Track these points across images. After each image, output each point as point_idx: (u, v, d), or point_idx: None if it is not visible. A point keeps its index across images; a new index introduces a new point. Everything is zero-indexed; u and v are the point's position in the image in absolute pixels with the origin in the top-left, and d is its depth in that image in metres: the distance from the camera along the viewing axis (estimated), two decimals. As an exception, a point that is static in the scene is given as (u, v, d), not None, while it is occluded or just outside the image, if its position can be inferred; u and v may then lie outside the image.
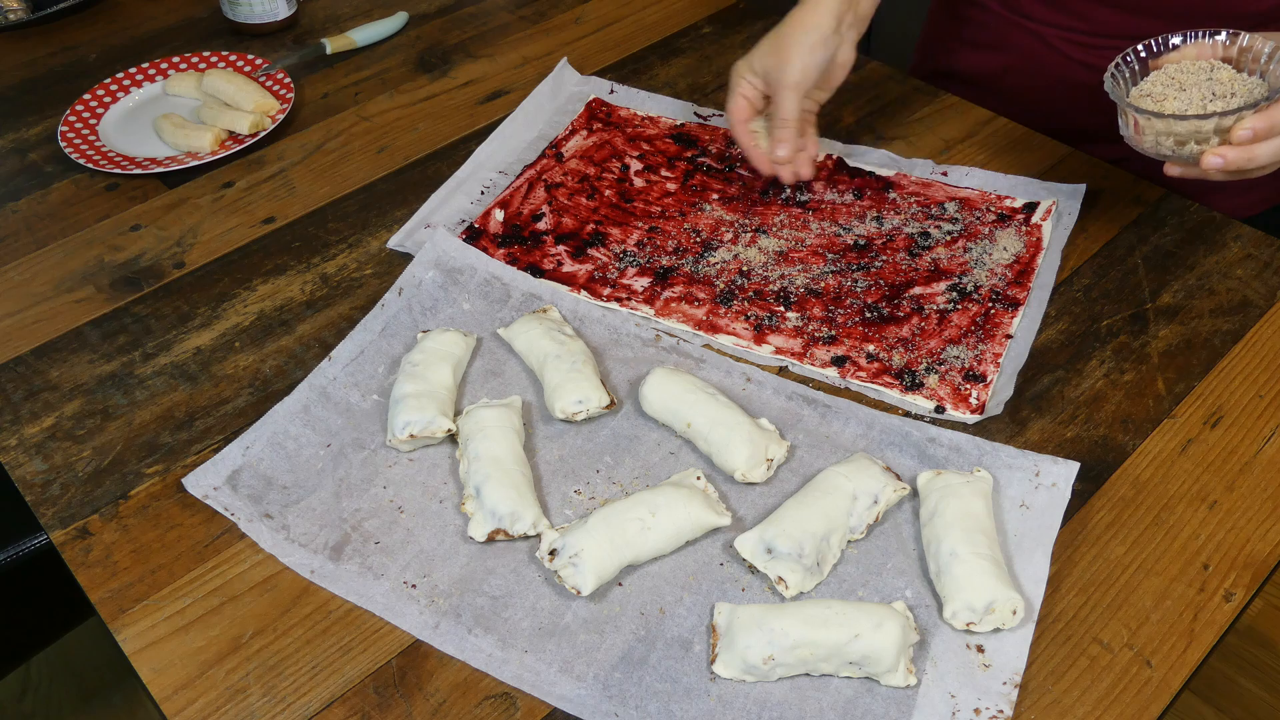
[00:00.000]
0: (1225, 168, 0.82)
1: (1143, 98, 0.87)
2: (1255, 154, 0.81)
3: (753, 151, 1.03)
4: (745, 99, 1.02)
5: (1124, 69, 0.89)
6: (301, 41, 1.32)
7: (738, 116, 1.02)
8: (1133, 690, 0.71)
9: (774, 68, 0.99)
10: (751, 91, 1.01)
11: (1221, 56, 0.87)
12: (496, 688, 0.72)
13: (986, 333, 0.93)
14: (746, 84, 1.01)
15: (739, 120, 1.02)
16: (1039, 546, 0.77)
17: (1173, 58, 0.88)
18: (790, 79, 0.98)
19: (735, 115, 1.02)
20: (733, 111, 1.02)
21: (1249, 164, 0.81)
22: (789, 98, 0.99)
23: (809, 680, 0.72)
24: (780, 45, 0.99)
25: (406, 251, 1.03)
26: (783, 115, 1.00)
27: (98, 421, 0.89)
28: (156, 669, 0.73)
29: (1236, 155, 0.81)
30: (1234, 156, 0.81)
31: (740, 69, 1.01)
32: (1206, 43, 0.88)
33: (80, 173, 1.14)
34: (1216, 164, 0.81)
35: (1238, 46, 0.86)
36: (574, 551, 0.75)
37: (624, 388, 0.90)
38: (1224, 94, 0.84)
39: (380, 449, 0.85)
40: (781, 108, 0.99)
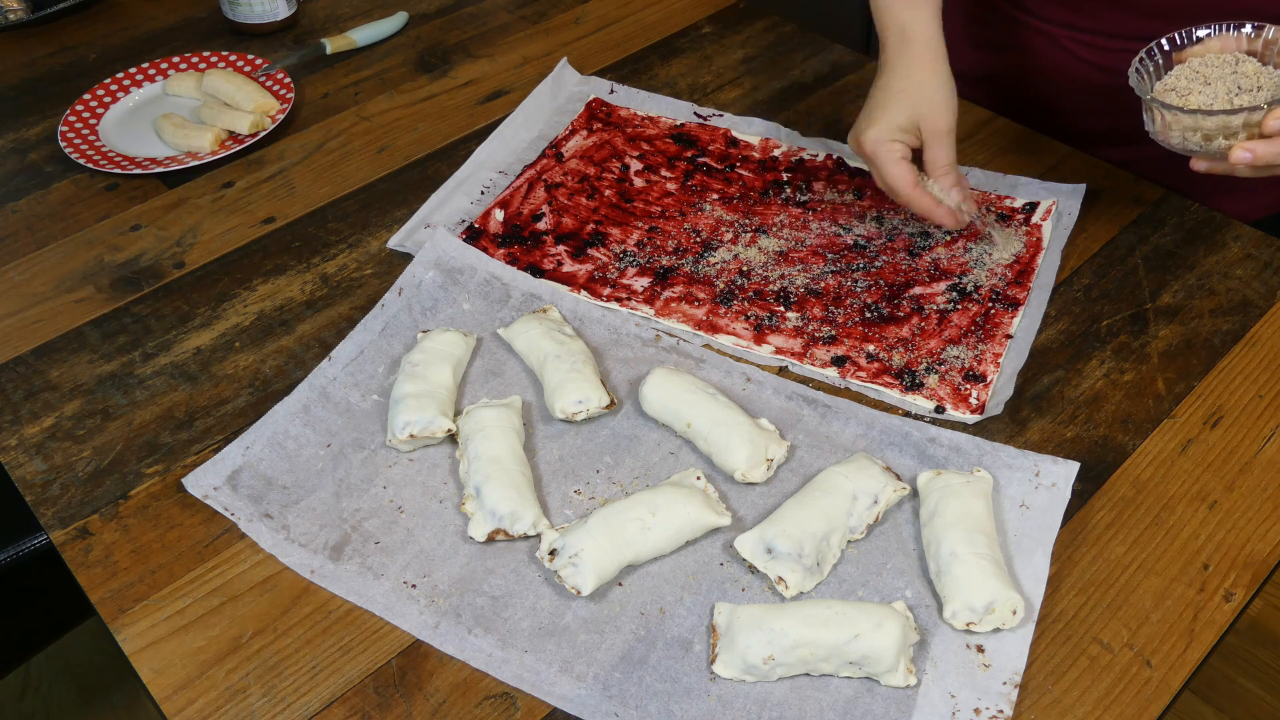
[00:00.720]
0: (1254, 162, 0.80)
1: (1167, 92, 0.86)
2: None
3: (939, 210, 0.95)
4: (905, 161, 0.94)
5: (1148, 64, 0.88)
6: (301, 41, 1.32)
7: (910, 182, 0.94)
8: (1133, 690, 0.71)
9: (929, 119, 0.93)
10: (908, 154, 0.95)
11: (1246, 49, 0.86)
12: (496, 688, 0.72)
13: (986, 333, 0.93)
14: (900, 147, 0.94)
15: (913, 185, 0.94)
16: (1039, 546, 0.77)
17: (1197, 51, 0.87)
18: (949, 123, 0.94)
19: (907, 182, 0.94)
20: (903, 179, 0.94)
21: (1278, 158, 0.80)
22: (950, 143, 0.94)
23: (809, 680, 0.72)
24: (926, 94, 0.94)
25: (406, 251, 1.03)
26: (947, 161, 0.95)
27: (98, 421, 0.89)
28: (156, 669, 0.73)
29: (1267, 149, 0.80)
30: (1263, 150, 0.80)
31: (884, 134, 0.94)
32: (1231, 35, 0.87)
33: (80, 173, 1.14)
34: (1245, 158, 0.80)
35: (1263, 39, 0.86)
36: (574, 551, 0.75)
37: (624, 388, 0.90)
38: (1250, 87, 0.83)
39: (380, 449, 0.85)
40: (944, 155, 0.94)
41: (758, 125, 1.15)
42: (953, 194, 0.95)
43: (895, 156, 0.94)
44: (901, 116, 0.94)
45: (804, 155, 1.12)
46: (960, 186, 0.96)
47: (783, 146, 1.13)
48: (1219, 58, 0.86)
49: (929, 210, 0.95)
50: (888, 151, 0.94)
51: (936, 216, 0.95)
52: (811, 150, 1.12)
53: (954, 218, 0.96)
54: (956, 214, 0.96)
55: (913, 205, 0.95)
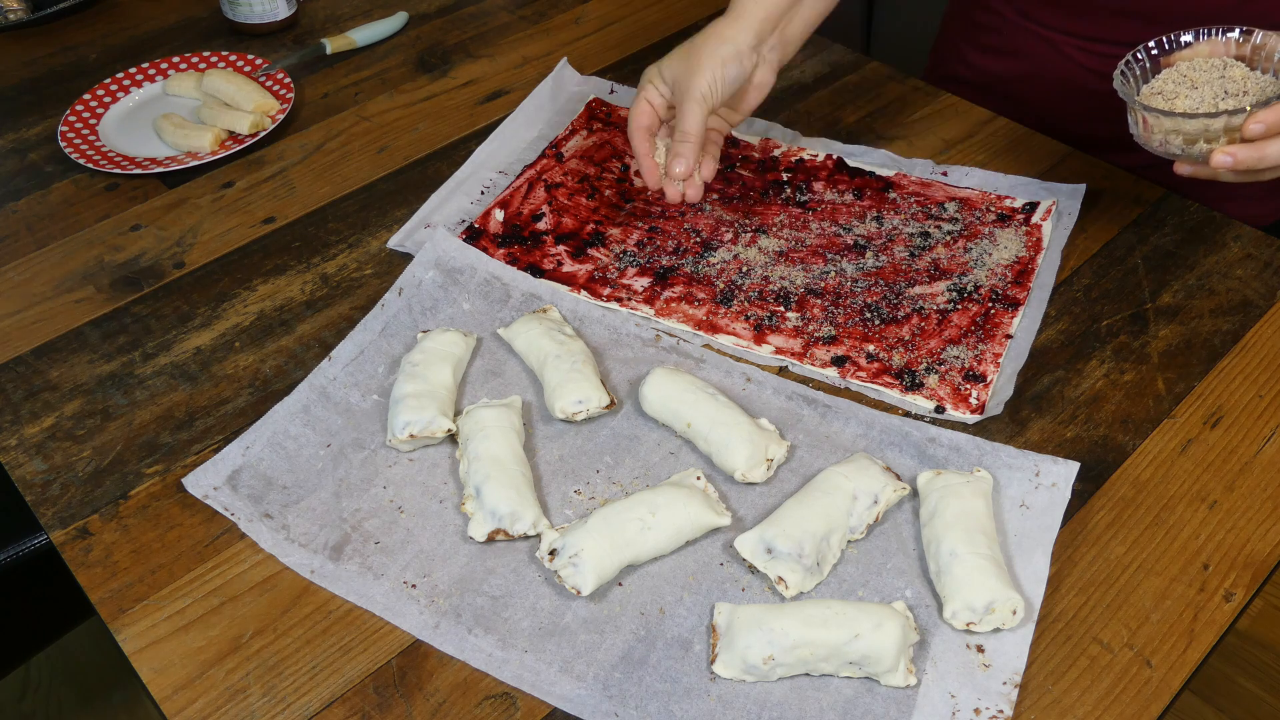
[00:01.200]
0: (1235, 166, 0.80)
1: (1154, 95, 0.86)
2: (1266, 152, 0.79)
3: (646, 161, 0.97)
4: (649, 104, 0.96)
5: (1134, 66, 0.88)
6: (301, 41, 1.32)
7: (638, 122, 0.96)
8: (1133, 690, 0.71)
9: (682, 76, 0.94)
10: (657, 99, 0.96)
11: (1235, 54, 0.86)
12: (496, 688, 0.72)
13: (986, 333, 0.93)
14: (653, 89, 0.96)
15: (639, 126, 0.96)
16: (1039, 546, 0.77)
17: (1185, 55, 0.87)
18: (697, 91, 0.93)
19: (636, 120, 0.96)
20: (634, 116, 0.96)
21: (1259, 163, 0.79)
22: (694, 111, 0.93)
23: (809, 680, 0.72)
24: (692, 54, 0.94)
25: (406, 251, 1.03)
26: (685, 128, 0.94)
27: (98, 421, 0.89)
28: (156, 669, 0.73)
29: (1247, 153, 0.79)
30: (1244, 155, 0.79)
31: (650, 73, 0.97)
32: (1220, 40, 0.86)
33: (80, 173, 1.14)
34: (1226, 162, 0.80)
35: (1251, 44, 0.85)
36: (574, 551, 0.75)
37: (624, 388, 0.90)
38: (1236, 92, 0.83)
39: (380, 449, 0.85)
40: (685, 120, 0.94)
41: (758, 125, 1.15)
42: (675, 163, 0.95)
43: (643, 95, 0.96)
44: (668, 69, 0.95)
45: (804, 155, 1.12)
46: (686, 160, 0.94)
47: (783, 146, 1.13)
48: (1207, 62, 0.86)
49: (640, 159, 0.96)
50: (641, 87, 0.97)
51: (643, 168, 0.97)
52: (811, 150, 1.12)
53: (656, 178, 0.97)
54: (660, 177, 0.96)
55: (630, 143, 0.97)
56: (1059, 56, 1.16)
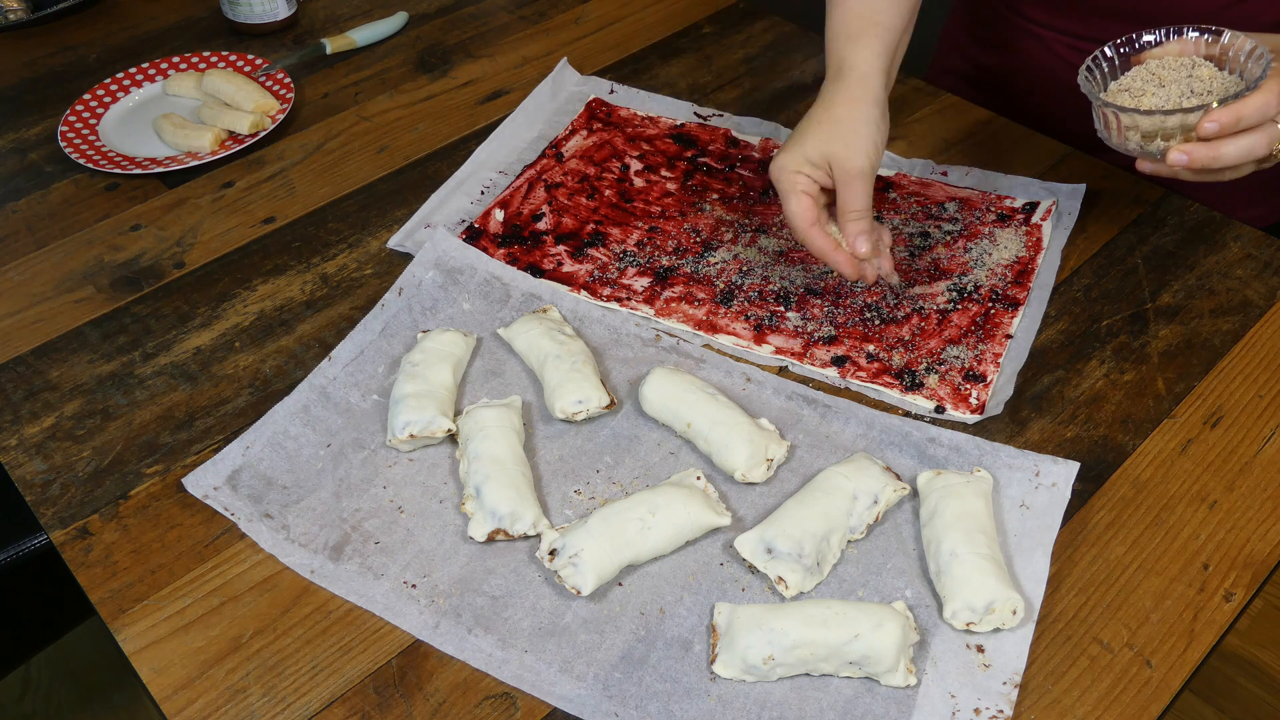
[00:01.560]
0: (1190, 164, 0.79)
1: (1120, 92, 0.85)
2: (1220, 152, 0.78)
3: (837, 256, 0.88)
4: (809, 197, 0.87)
5: (1101, 64, 0.88)
6: (301, 41, 1.32)
7: (807, 219, 0.87)
8: (1133, 690, 0.71)
9: (840, 156, 0.86)
10: (813, 188, 0.88)
11: (1205, 54, 0.85)
12: (496, 688, 0.72)
13: (986, 333, 0.93)
14: (806, 180, 0.87)
15: (810, 223, 0.87)
16: (1039, 546, 0.77)
17: (1155, 53, 0.86)
18: (862, 165, 0.86)
19: (804, 218, 0.87)
20: (800, 215, 0.87)
21: (1214, 162, 0.78)
22: (862, 187, 0.86)
23: (809, 680, 0.72)
24: (842, 129, 0.86)
25: (406, 251, 1.03)
26: (858, 207, 0.86)
27: (98, 421, 0.89)
28: (156, 669, 0.73)
29: (1202, 152, 0.78)
30: (1199, 154, 0.78)
31: (791, 164, 0.87)
32: (1190, 39, 0.85)
33: (80, 173, 1.14)
34: (1181, 160, 0.79)
35: (1220, 44, 0.85)
36: (574, 551, 0.75)
37: (624, 388, 0.90)
38: (1202, 91, 0.82)
39: (380, 449, 0.85)
40: (857, 198, 0.86)
41: (758, 125, 1.15)
42: (858, 243, 0.87)
43: (796, 189, 0.87)
44: (813, 149, 0.87)
45: (804, 155, 1.11)
46: (868, 236, 0.87)
47: (783, 146, 1.13)
48: (1176, 61, 0.85)
49: (824, 253, 0.88)
50: (790, 182, 0.87)
51: (833, 261, 0.88)
52: (811, 150, 1.12)
53: (853, 267, 0.89)
54: (856, 264, 0.89)
55: (808, 244, 0.88)
56: (1048, 53, 1.17)
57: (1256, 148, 0.78)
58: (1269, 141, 0.78)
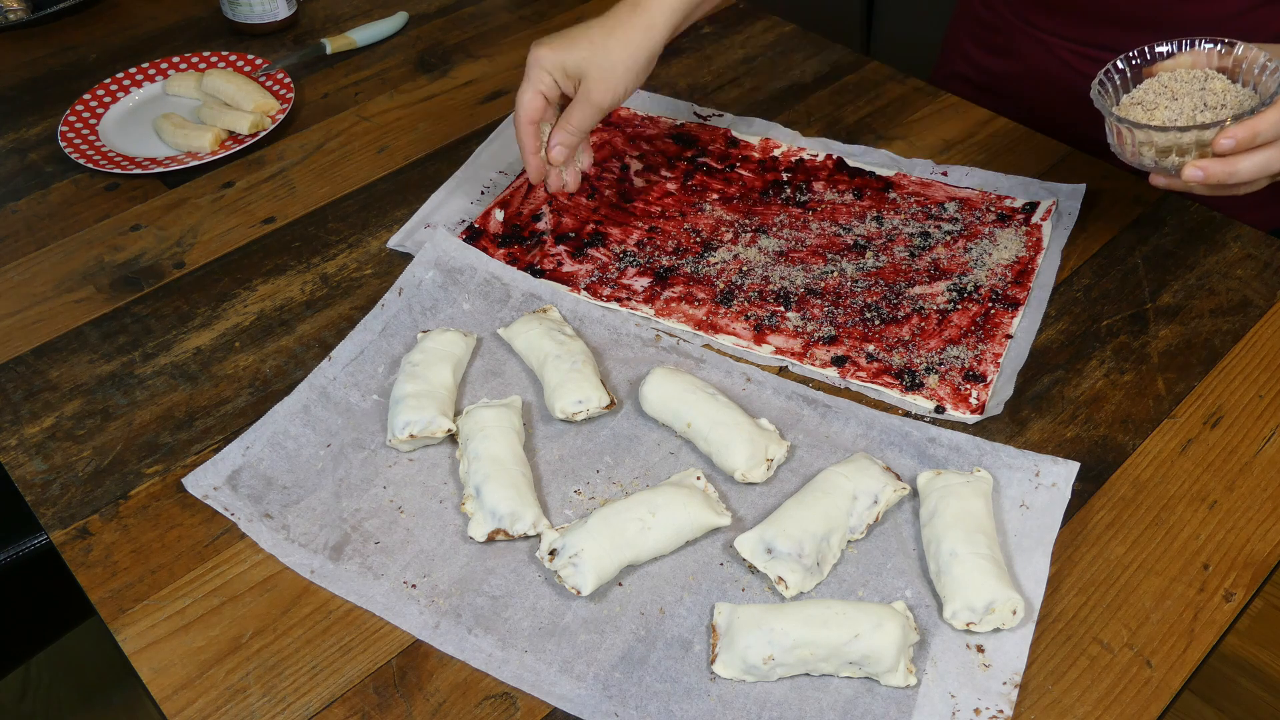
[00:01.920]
0: (1205, 180, 0.78)
1: (1133, 106, 0.85)
2: (1237, 168, 0.77)
3: (534, 158, 0.94)
4: (544, 97, 0.92)
5: (1114, 76, 0.87)
6: (301, 41, 1.32)
7: (529, 115, 0.92)
8: (1133, 690, 0.71)
9: (593, 82, 0.90)
10: (553, 91, 0.92)
11: (1218, 66, 0.84)
12: (496, 688, 0.72)
13: (986, 333, 0.93)
14: (550, 80, 0.91)
15: (530, 120, 0.93)
16: (1039, 546, 0.77)
17: (1167, 65, 0.85)
18: (605, 102, 0.91)
19: (527, 113, 0.92)
20: (525, 107, 0.92)
21: (1230, 178, 0.77)
22: (593, 116, 0.92)
23: (809, 680, 0.72)
24: (608, 60, 0.90)
25: (406, 251, 1.03)
26: (577, 126, 0.92)
27: (98, 421, 0.89)
28: (156, 669, 0.73)
29: (1218, 169, 0.77)
30: (1215, 170, 0.77)
31: (545, 60, 0.91)
32: (1202, 51, 0.84)
33: (80, 173, 1.14)
34: (1197, 176, 0.78)
35: (1233, 56, 0.84)
36: (574, 551, 0.75)
37: (624, 388, 0.90)
38: (1215, 105, 0.81)
39: (380, 449, 0.85)
40: (583, 120, 0.92)
41: (758, 125, 1.15)
42: (556, 151, 0.93)
43: (538, 86, 0.92)
44: (573, 63, 0.90)
45: (804, 155, 1.12)
46: (568, 151, 0.93)
47: (783, 146, 1.13)
48: (1189, 73, 0.84)
49: (525, 152, 0.93)
50: (536, 77, 0.92)
51: (528, 161, 0.94)
52: (811, 150, 1.12)
53: (540, 171, 0.94)
54: (544, 170, 0.94)
55: (519, 134, 0.93)
56: (1053, 58, 1.17)
57: (1272, 163, 0.77)
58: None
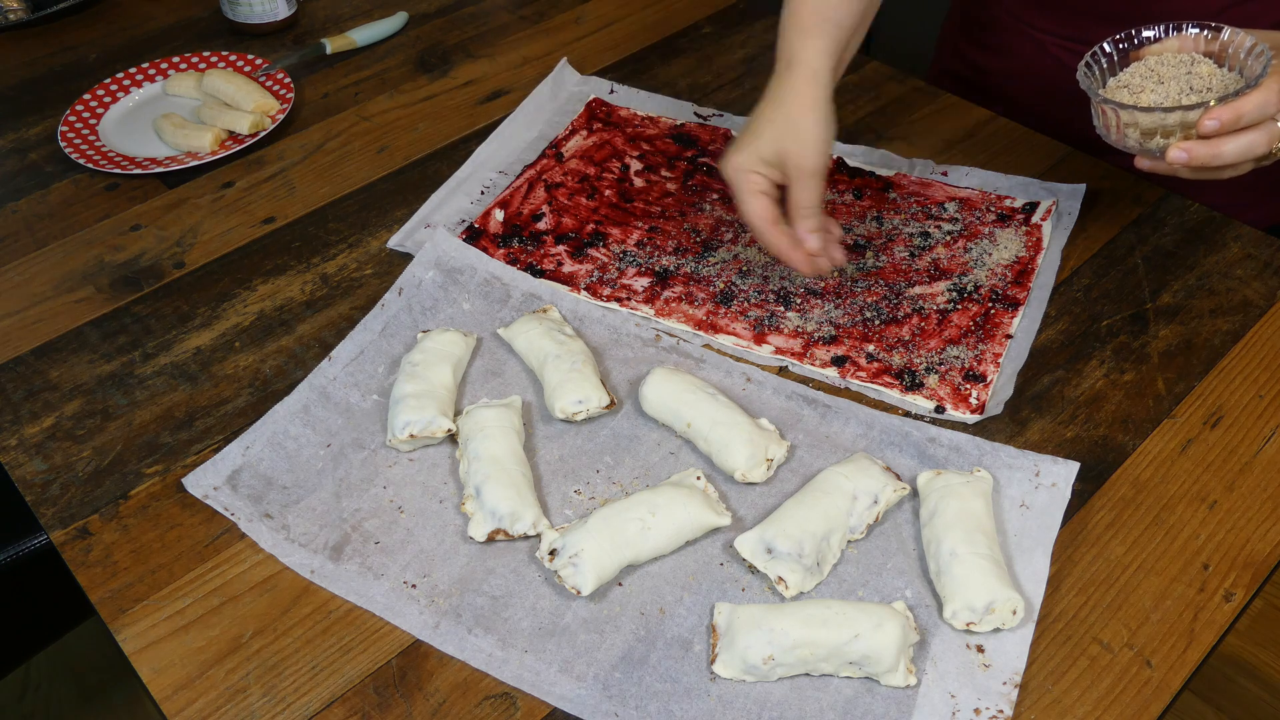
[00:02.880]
0: (1190, 162, 0.79)
1: (1119, 89, 0.85)
2: (1221, 150, 0.78)
3: (795, 254, 0.90)
4: (767, 197, 0.89)
5: (1100, 60, 0.87)
6: (301, 41, 1.32)
7: (768, 219, 0.89)
8: (1133, 690, 0.71)
9: (795, 155, 0.87)
10: (770, 188, 0.90)
11: (1204, 50, 0.85)
12: (496, 688, 0.72)
13: (986, 333, 0.93)
14: (761, 180, 0.89)
15: (771, 222, 0.89)
16: (1039, 546, 0.77)
17: (1154, 50, 0.86)
18: (815, 165, 0.87)
19: (765, 218, 0.89)
20: (760, 215, 0.89)
21: (1214, 160, 0.78)
22: (816, 185, 0.88)
23: (809, 680, 0.72)
24: (795, 128, 0.88)
25: (406, 251, 1.03)
26: (811, 204, 0.88)
27: (98, 421, 0.89)
28: (156, 669, 0.73)
29: (1202, 150, 0.78)
30: (1199, 152, 0.78)
31: (745, 163, 0.89)
32: (1190, 35, 0.85)
33: (80, 173, 1.14)
34: (1180, 158, 0.79)
35: (1219, 40, 0.84)
36: (574, 551, 0.75)
37: (624, 388, 0.90)
38: (1201, 88, 0.82)
39: (380, 449, 0.85)
40: (810, 196, 0.88)
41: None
42: (810, 239, 0.89)
43: (753, 189, 0.89)
44: (767, 148, 0.88)
45: (804, 155, 1.11)
46: (822, 232, 0.89)
47: (783, 146, 1.13)
48: (1175, 57, 0.84)
49: (784, 251, 0.90)
50: (747, 182, 0.89)
51: (791, 260, 0.90)
52: (811, 150, 1.12)
53: (810, 264, 0.90)
54: (812, 260, 0.90)
55: (766, 242, 0.90)
56: (1046, 56, 1.17)
57: (1256, 145, 0.77)
58: (1269, 139, 0.78)
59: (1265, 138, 0.77)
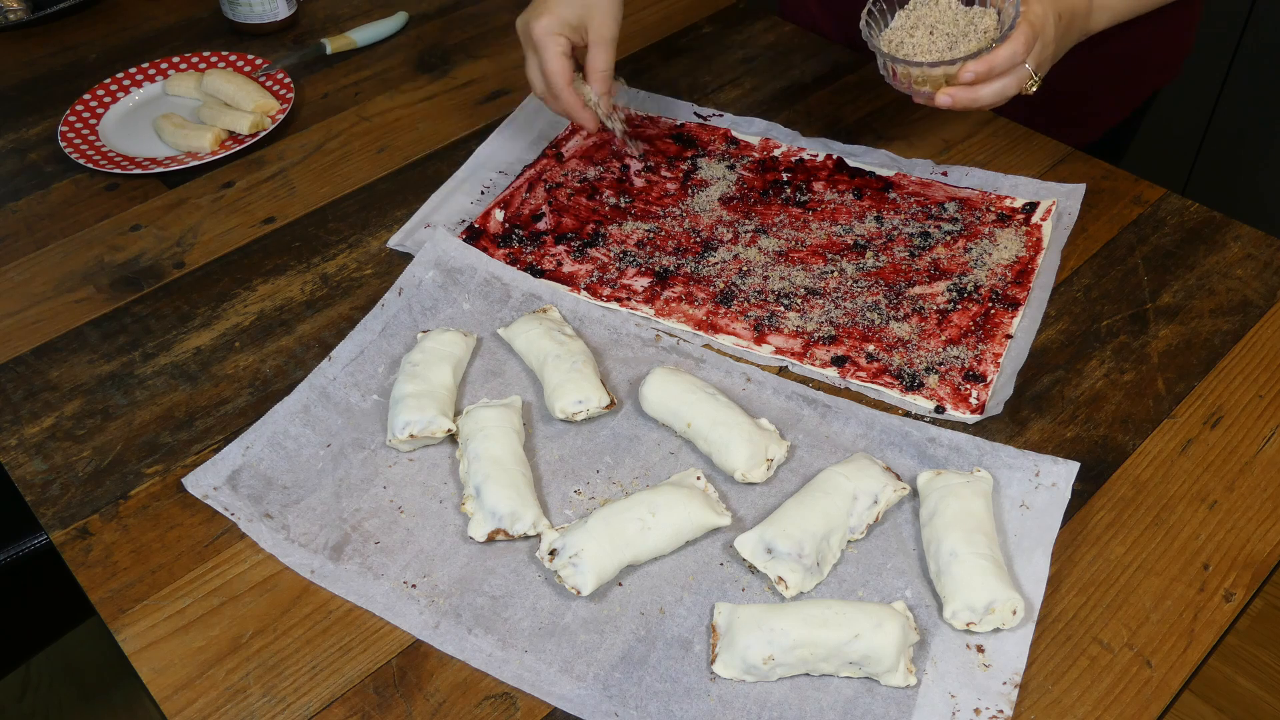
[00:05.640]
0: (953, 106, 0.92)
1: (893, 34, 0.95)
2: (979, 95, 0.91)
3: (584, 112, 1.02)
4: (566, 57, 1.00)
5: (880, 5, 0.96)
6: (301, 41, 1.32)
7: (566, 78, 1.00)
8: (1133, 690, 0.71)
9: (596, 23, 0.99)
10: (570, 50, 1.00)
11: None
12: (496, 688, 0.72)
13: (986, 333, 0.93)
14: (564, 42, 0.99)
15: (568, 81, 1.00)
16: (1039, 546, 0.77)
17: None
18: (613, 32, 1.00)
19: (564, 77, 1.00)
20: (560, 74, 1.00)
21: (974, 104, 0.92)
22: (610, 51, 1.00)
23: (809, 680, 0.72)
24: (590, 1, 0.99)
25: (406, 251, 1.03)
26: (604, 67, 1.01)
27: (98, 421, 0.89)
28: (156, 669, 0.73)
29: (964, 95, 0.91)
30: (961, 96, 0.91)
31: (553, 26, 0.98)
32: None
33: (80, 173, 1.14)
34: (946, 103, 0.92)
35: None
36: (574, 551, 0.75)
37: (624, 388, 0.90)
38: (963, 33, 0.93)
39: (380, 449, 0.85)
40: (603, 60, 1.01)
41: (758, 125, 1.15)
42: (603, 101, 1.02)
43: (558, 50, 0.99)
44: (571, 13, 0.98)
45: (804, 155, 1.12)
46: (609, 95, 1.02)
47: (783, 146, 1.13)
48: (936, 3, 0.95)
49: (574, 109, 1.01)
50: (554, 44, 0.99)
51: (580, 118, 1.02)
52: (811, 150, 1.12)
53: (595, 121, 1.03)
54: (596, 118, 1.03)
55: (562, 101, 1.01)
56: None
57: (1008, 89, 0.91)
58: (1019, 82, 0.91)
59: (1015, 81, 0.91)
